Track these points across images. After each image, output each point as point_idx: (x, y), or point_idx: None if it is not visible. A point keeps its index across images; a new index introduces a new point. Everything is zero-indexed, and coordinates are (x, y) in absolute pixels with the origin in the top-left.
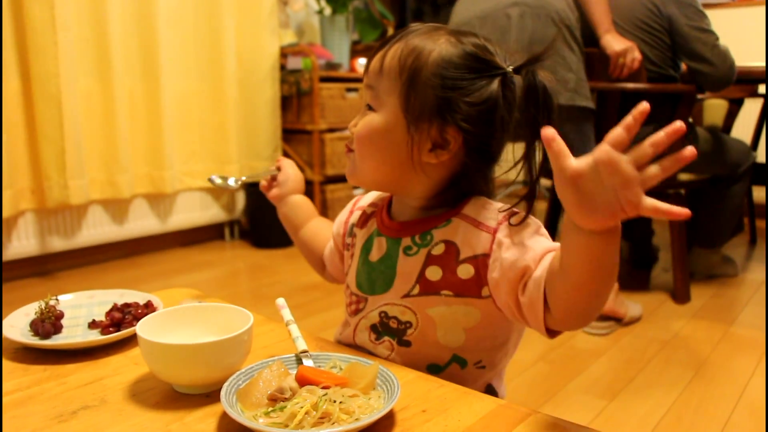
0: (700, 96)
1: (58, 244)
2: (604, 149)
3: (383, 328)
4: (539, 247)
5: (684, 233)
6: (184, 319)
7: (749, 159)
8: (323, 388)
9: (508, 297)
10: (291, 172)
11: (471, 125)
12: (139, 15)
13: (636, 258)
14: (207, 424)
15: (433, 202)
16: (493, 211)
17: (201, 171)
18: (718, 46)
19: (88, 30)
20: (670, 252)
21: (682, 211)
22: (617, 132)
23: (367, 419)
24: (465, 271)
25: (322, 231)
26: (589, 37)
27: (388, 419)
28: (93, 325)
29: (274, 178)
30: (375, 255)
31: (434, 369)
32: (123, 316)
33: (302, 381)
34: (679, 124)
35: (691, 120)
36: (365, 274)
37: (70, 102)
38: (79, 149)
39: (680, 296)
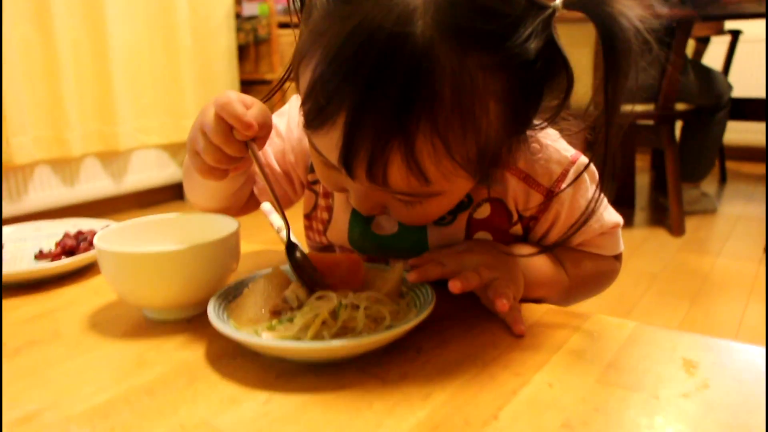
0: None
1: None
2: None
3: None
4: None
5: (678, 168)
6: (155, 232)
7: (730, 90)
8: (339, 293)
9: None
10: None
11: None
12: None
13: (619, 196)
14: (191, 350)
15: None
16: (551, 161)
17: (156, 127)
18: None
19: None
20: (645, 193)
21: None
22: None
23: (402, 326)
24: (515, 231)
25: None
26: None
27: (423, 329)
28: (40, 255)
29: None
30: (385, 227)
31: None
32: (77, 244)
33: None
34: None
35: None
36: (373, 247)
37: (6, 51)
38: (20, 103)
39: (676, 229)
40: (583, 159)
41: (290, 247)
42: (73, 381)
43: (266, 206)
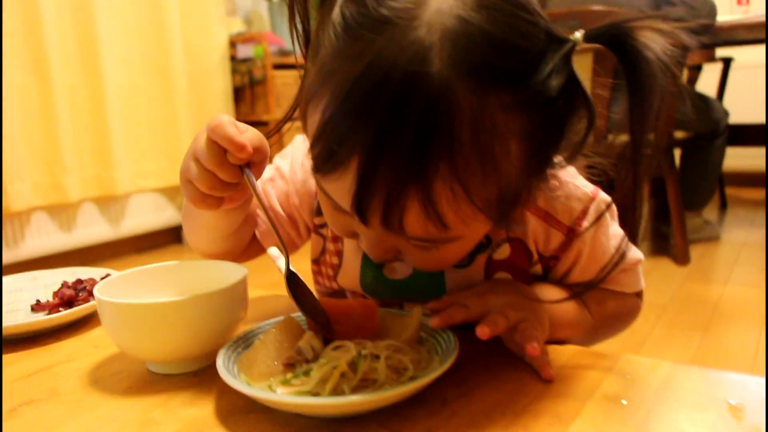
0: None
1: None
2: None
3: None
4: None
5: (680, 196)
6: (158, 281)
7: (726, 116)
8: (357, 343)
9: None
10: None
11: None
12: (76, 3)
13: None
14: (200, 407)
15: None
16: (570, 198)
17: (153, 170)
18: None
19: (17, 20)
20: (646, 222)
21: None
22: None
23: (426, 376)
24: (536, 270)
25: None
26: None
27: (446, 378)
28: (37, 306)
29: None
30: (398, 271)
31: None
32: (76, 294)
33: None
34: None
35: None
36: (387, 292)
37: (3, 98)
38: (17, 150)
39: (681, 258)
40: (603, 195)
41: (290, 276)
42: None
43: (273, 251)
